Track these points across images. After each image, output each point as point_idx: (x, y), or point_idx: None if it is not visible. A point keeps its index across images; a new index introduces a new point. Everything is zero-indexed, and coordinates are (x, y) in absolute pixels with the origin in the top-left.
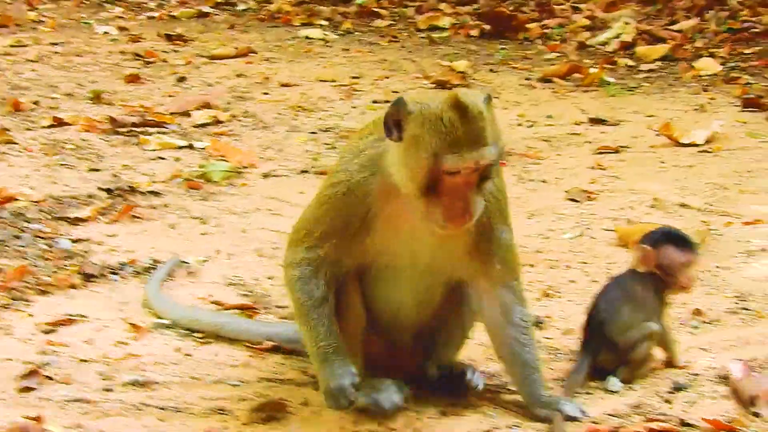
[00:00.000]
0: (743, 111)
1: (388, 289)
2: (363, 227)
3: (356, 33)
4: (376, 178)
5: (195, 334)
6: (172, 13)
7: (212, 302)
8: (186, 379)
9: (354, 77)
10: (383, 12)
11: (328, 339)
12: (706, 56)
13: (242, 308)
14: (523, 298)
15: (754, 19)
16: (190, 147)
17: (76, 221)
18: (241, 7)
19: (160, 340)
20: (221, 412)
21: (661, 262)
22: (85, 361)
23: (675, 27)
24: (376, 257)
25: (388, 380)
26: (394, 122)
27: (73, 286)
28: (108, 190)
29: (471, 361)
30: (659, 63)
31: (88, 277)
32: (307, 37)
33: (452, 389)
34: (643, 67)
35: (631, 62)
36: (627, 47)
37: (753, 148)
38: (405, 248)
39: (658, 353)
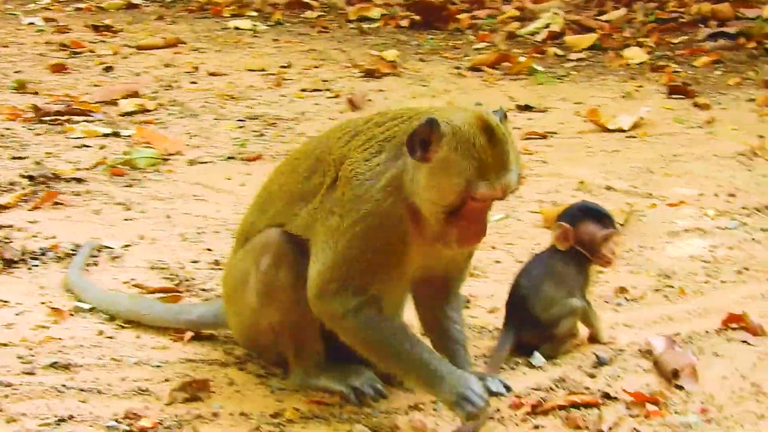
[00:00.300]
0: (669, 98)
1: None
2: (401, 253)
3: (286, 24)
4: (403, 201)
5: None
6: (100, 5)
7: (135, 285)
8: (107, 361)
9: (283, 66)
10: (313, 3)
11: (432, 356)
12: (634, 46)
13: (165, 291)
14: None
15: (681, 9)
16: (116, 135)
17: None
18: None
19: (81, 324)
20: (143, 392)
21: (581, 238)
22: (5, 345)
23: (603, 18)
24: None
25: (362, 367)
26: (422, 141)
27: None
28: (30, 177)
29: None
30: (588, 52)
31: (8, 263)
32: (236, 28)
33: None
34: (572, 56)
35: (560, 51)
36: (556, 37)
37: (679, 133)
38: (417, 263)
39: (583, 330)
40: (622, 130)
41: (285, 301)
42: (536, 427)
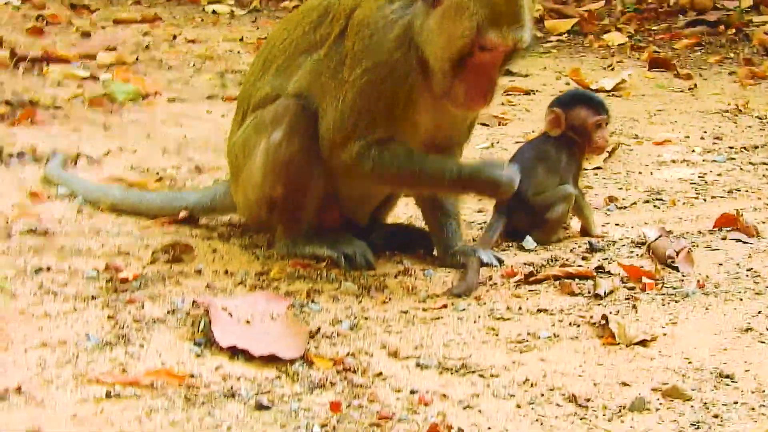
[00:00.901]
0: (651, 70)
1: None
2: (408, 106)
3: (264, 11)
4: (414, 51)
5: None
6: None
7: (115, 179)
8: (86, 231)
9: (262, 38)
10: None
11: (454, 161)
12: (614, 31)
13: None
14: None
15: (658, 2)
16: (94, 78)
17: None
18: None
19: (59, 205)
20: (123, 254)
21: (573, 123)
22: None
23: (582, 8)
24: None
25: (354, 237)
26: None
27: None
28: (7, 102)
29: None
30: (567, 36)
31: None
32: (214, 12)
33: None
34: (552, 38)
35: (540, 34)
36: (536, 22)
37: (661, 95)
38: (425, 124)
39: (574, 223)
40: (604, 90)
41: (293, 175)
42: (530, 291)
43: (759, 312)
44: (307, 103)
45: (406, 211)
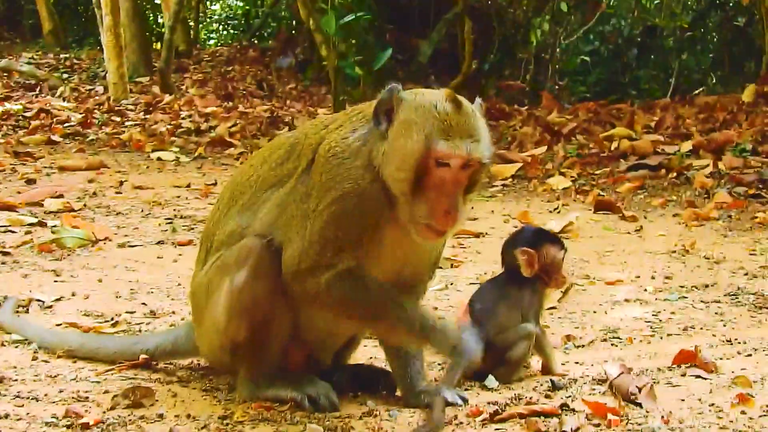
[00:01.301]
0: (596, 213)
1: None
2: (375, 234)
3: (209, 158)
4: (378, 181)
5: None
6: (20, 139)
7: (69, 324)
8: (43, 377)
9: (210, 184)
10: (236, 142)
11: (418, 310)
12: (558, 175)
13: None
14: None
15: (600, 148)
16: (42, 225)
17: None
18: (91, 137)
19: (14, 351)
20: (82, 399)
21: (544, 261)
22: None
23: (525, 153)
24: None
25: (316, 378)
26: (386, 111)
27: None
28: None
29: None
30: (512, 180)
31: None
32: (159, 159)
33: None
34: (498, 183)
35: (486, 179)
36: None
37: (609, 237)
38: (391, 255)
39: (535, 362)
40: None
41: (258, 319)
42: (496, 430)
43: None
44: (272, 241)
45: (367, 353)
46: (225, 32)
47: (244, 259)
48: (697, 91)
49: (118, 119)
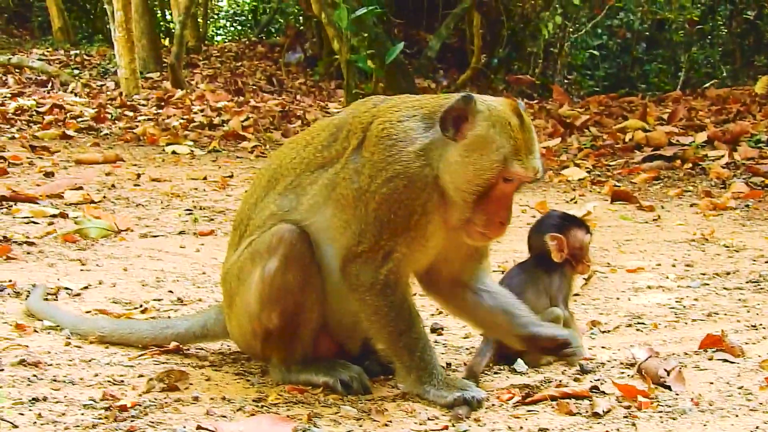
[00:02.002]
0: (613, 203)
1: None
2: (423, 218)
3: (224, 151)
4: (431, 170)
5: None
6: (35, 134)
7: (98, 311)
8: (77, 361)
9: (226, 176)
10: (249, 136)
11: (432, 354)
12: (573, 167)
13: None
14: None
15: (614, 139)
16: (64, 216)
17: None
18: (105, 131)
19: (47, 337)
20: (118, 383)
21: (573, 245)
22: None
23: (540, 145)
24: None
25: (348, 363)
26: (455, 118)
27: None
28: None
29: None
30: None
31: None
32: (174, 152)
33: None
34: None
35: None
36: None
37: (626, 226)
38: (435, 244)
39: None
40: None
41: (289, 306)
42: (528, 411)
43: (756, 427)
44: (308, 228)
45: None
46: (232, 28)
47: (275, 247)
48: (707, 84)
49: (130, 114)
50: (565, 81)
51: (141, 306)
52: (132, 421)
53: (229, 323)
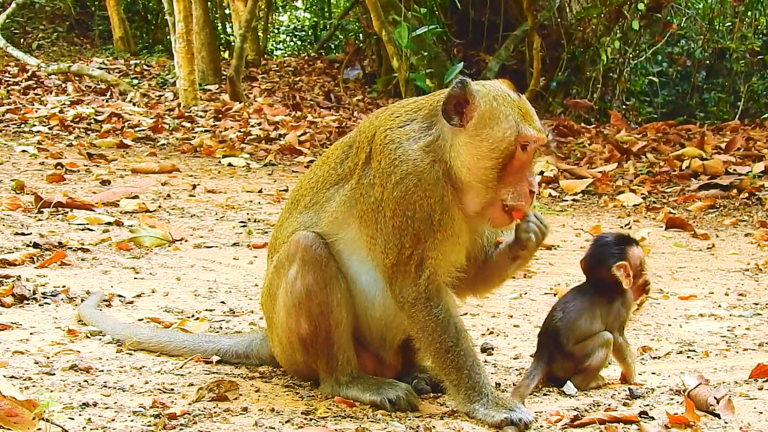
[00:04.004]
0: (667, 230)
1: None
2: (444, 214)
3: (279, 165)
4: (440, 165)
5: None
6: (92, 142)
7: (150, 319)
8: (128, 368)
9: (282, 190)
10: (305, 150)
11: (481, 370)
12: (628, 192)
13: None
14: None
15: (671, 167)
16: (119, 224)
17: (3, 263)
18: (162, 141)
19: (97, 343)
20: (168, 391)
21: (634, 264)
22: (21, 353)
23: (596, 169)
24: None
25: (395, 380)
26: (457, 105)
27: (2, 304)
28: (35, 245)
29: None
30: (582, 195)
31: (20, 299)
32: (230, 165)
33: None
34: (567, 197)
35: (555, 192)
36: (550, 182)
37: (680, 253)
38: (463, 237)
39: (614, 372)
40: None
41: (314, 308)
42: None
43: None
44: (334, 243)
45: None
46: (292, 43)
47: (293, 253)
48: (766, 114)
49: (188, 125)
50: (624, 107)
51: (193, 316)
52: (181, 429)
53: (273, 346)
